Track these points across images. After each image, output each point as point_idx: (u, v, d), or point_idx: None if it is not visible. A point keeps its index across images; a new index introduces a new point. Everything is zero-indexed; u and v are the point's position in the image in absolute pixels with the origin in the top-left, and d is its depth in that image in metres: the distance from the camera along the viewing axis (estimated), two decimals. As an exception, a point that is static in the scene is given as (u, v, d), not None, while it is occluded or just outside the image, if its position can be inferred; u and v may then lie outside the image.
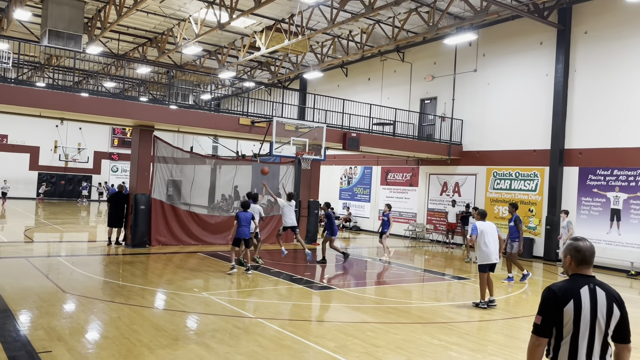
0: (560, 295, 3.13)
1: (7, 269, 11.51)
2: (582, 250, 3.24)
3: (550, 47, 18.27)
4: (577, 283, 3.18)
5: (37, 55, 27.67)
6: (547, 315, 3.13)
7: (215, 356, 6.29)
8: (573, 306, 3.09)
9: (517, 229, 12.75)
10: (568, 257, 3.29)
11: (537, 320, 3.18)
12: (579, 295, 3.12)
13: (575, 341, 3.10)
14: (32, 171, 37.43)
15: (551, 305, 3.13)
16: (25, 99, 13.48)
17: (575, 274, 3.26)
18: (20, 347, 6.27)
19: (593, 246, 3.30)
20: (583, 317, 3.09)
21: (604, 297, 3.15)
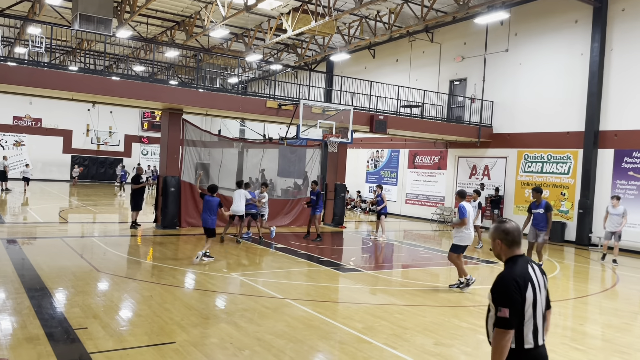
0: (521, 282, 3.11)
1: (43, 248, 11.88)
2: (511, 231, 3.28)
3: (586, 25, 17.68)
4: (523, 265, 3.21)
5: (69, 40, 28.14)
6: (514, 305, 3.07)
7: (244, 335, 6.39)
8: (531, 289, 3.13)
9: (547, 217, 11.32)
10: (498, 241, 3.31)
11: (504, 314, 3.06)
12: (532, 277, 3.17)
13: (535, 321, 3.15)
14: (66, 154, 38.32)
15: (517, 295, 3.09)
16: (58, 83, 13.75)
17: (513, 256, 3.27)
18: (57, 323, 6.47)
19: (518, 225, 3.34)
20: (538, 296, 3.16)
21: (539, 271, 3.28)
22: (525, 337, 3.13)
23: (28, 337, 5.93)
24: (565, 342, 6.89)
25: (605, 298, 9.88)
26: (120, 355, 5.57)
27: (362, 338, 6.55)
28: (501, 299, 3.10)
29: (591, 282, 11.42)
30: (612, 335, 7.40)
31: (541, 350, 3.20)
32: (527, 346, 3.13)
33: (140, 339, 6.11)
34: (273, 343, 6.18)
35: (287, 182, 20.44)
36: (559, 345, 6.72)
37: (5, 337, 5.93)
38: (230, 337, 6.32)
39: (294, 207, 18.66)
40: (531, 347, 3.14)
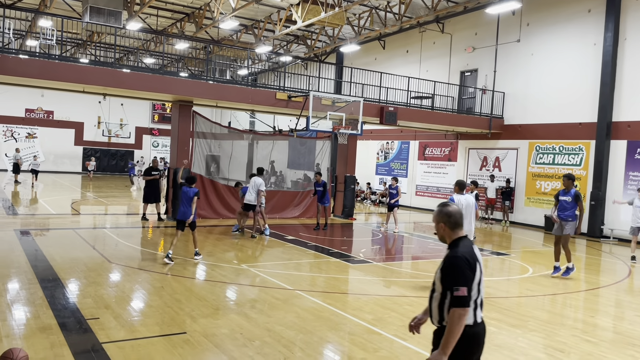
0: (471, 260, 3.23)
1: (56, 240, 12.01)
2: (453, 214, 3.38)
3: (599, 14, 17.42)
4: (468, 245, 3.33)
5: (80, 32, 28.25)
6: (470, 284, 3.19)
7: (254, 326, 6.43)
8: (479, 269, 3.27)
9: (576, 205, 10.07)
10: (441, 225, 3.40)
11: (462, 293, 3.14)
12: (478, 257, 3.31)
13: (477, 299, 3.26)
14: (77, 146, 38.64)
15: (470, 273, 3.21)
16: (69, 75, 13.83)
17: (457, 238, 3.37)
18: (69, 314, 6.55)
19: (460, 209, 3.45)
20: (482, 275, 3.30)
21: (477, 249, 3.39)
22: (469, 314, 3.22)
23: (41, 327, 6.01)
24: (576, 334, 6.86)
25: (617, 290, 9.81)
26: (132, 345, 5.63)
27: (371, 329, 6.56)
28: (457, 279, 3.17)
29: (603, 274, 11.34)
30: (624, 327, 7.34)
31: (480, 327, 3.32)
32: (468, 322, 3.22)
33: (152, 329, 6.16)
34: (283, 334, 6.21)
35: (297, 174, 20.46)
36: (570, 337, 6.69)
37: (19, 327, 6.02)
38: (241, 327, 6.36)
39: (304, 199, 18.69)
40: (470, 323, 3.23)
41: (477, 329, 3.29)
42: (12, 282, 7.92)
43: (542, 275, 10.55)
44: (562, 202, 10.18)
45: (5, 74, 13.14)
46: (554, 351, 6.16)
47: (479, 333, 3.32)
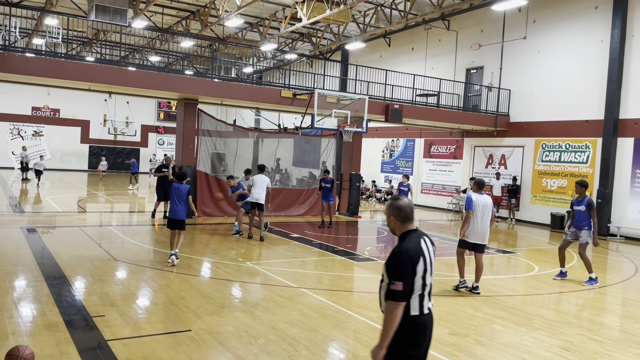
0: (414, 256, 3.28)
1: (62, 237, 12.07)
2: (404, 208, 3.44)
3: (606, 11, 17.30)
4: (415, 239, 3.38)
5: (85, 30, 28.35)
6: (407, 278, 3.24)
7: (259, 323, 6.44)
8: (422, 262, 3.31)
9: (589, 215, 9.68)
10: (392, 218, 3.46)
11: (397, 287, 3.20)
12: (423, 251, 3.35)
13: (424, 291, 3.35)
14: (84, 144, 38.80)
15: (409, 268, 3.25)
16: (75, 73, 13.87)
17: (407, 231, 3.43)
18: (75, 311, 6.58)
19: (411, 202, 3.51)
20: (428, 268, 3.35)
21: (430, 242, 3.47)
22: (411, 305, 3.31)
23: (47, 324, 6.04)
24: (582, 332, 6.83)
25: (624, 289, 9.76)
26: (137, 342, 5.65)
27: (376, 327, 6.55)
28: (395, 273, 3.24)
29: (609, 273, 11.28)
30: (630, 326, 7.31)
31: (426, 317, 3.40)
32: (412, 313, 3.32)
33: (157, 326, 6.19)
34: (288, 332, 6.22)
35: (302, 171, 20.46)
36: (575, 336, 6.66)
37: (26, 324, 6.05)
38: (246, 325, 6.37)
39: (309, 197, 18.69)
40: (417, 314, 3.33)
41: (422, 319, 3.37)
42: (19, 280, 7.97)
43: (548, 273, 10.51)
44: (576, 212, 9.87)
45: (12, 72, 13.20)
46: (559, 350, 6.14)
47: (425, 323, 3.40)
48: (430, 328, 3.46)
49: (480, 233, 8.44)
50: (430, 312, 3.44)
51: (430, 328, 3.45)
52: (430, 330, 3.46)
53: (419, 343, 3.38)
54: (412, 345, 3.35)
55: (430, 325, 3.46)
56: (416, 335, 3.36)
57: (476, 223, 8.41)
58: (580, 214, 9.79)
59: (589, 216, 9.68)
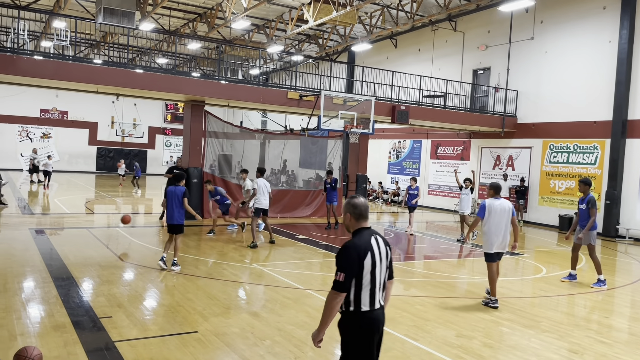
0: (361, 251, 3.47)
1: (70, 239, 12.13)
2: (359, 206, 3.62)
3: (614, 11, 17.19)
4: (366, 236, 3.56)
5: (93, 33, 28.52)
6: (350, 271, 3.42)
7: (265, 325, 6.44)
8: (370, 258, 3.48)
9: (589, 214, 9.51)
10: (348, 215, 3.64)
11: (339, 278, 3.41)
12: (372, 247, 3.52)
13: (374, 286, 3.51)
14: (91, 146, 39.01)
15: (354, 262, 3.43)
16: (83, 76, 13.96)
17: (359, 228, 3.61)
18: (83, 312, 6.62)
19: (366, 201, 3.70)
20: (377, 264, 3.52)
21: (382, 242, 3.64)
22: (362, 300, 3.47)
23: (55, 325, 6.07)
24: (590, 335, 6.78)
25: (633, 291, 9.68)
26: (144, 343, 5.67)
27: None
28: (340, 265, 3.44)
29: (618, 275, 11.19)
30: (639, 328, 7.24)
31: (377, 312, 3.55)
32: (363, 308, 3.49)
33: (164, 328, 6.20)
34: (294, 333, 6.21)
35: (308, 173, 20.47)
36: (584, 338, 6.62)
37: (34, 325, 6.09)
38: (252, 327, 6.38)
39: (315, 198, 18.69)
40: (367, 309, 3.50)
41: (374, 314, 3.53)
42: (27, 281, 8.02)
43: (556, 275, 10.45)
44: (580, 210, 9.73)
45: (21, 74, 13.30)
46: (567, 352, 6.10)
47: (375, 319, 3.54)
48: (383, 322, 3.62)
49: (500, 240, 7.77)
50: (381, 307, 3.60)
51: (382, 322, 3.61)
52: (382, 324, 3.61)
53: (372, 337, 3.54)
54: (365, 340, 3.53)
55: (382, 319, 3.62)
56: (368, 330, 3.53)
57: (491, 230, 7.77)
58: (583, 213, 9.64)
59: (589, 215, 9.52)
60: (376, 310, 3.55)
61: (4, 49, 15.89)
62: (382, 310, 3.62)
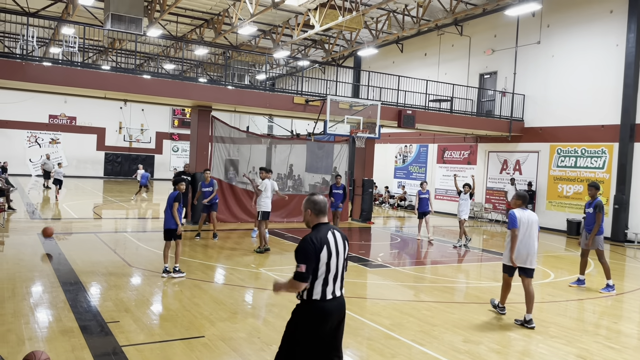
0: (317, 245, 3.73)
1: (78, 244, 12.20)
2: (319, 203, 3.91)
3: (621, 15, 17.13)
4: (323, 231, 3.83)
5: (101, 39, 28.74)
6: (310, 263, 3.69)
7: (272, 330, 6.44)
8: (326, 250, 3.75)
9: (595, 218, 9.44)
10: (308, 211, 3.92)
11: (301, 269, 3.68)
12: (328, 241, 3.79)
13: (327, 277, 3.76)
14: (99, 151, 39.25)
15: (312, 254, 3.70)
16: (91, 82, 14.07)
17: (318, 223, 3.89)
18: (90, 317, 6.65)
19: (325, 199, 3.98)
20: (333, 257, 3.78)
21: (340, 236, 3.91)
22: (314, 290, 3.74)
23: (63, 329, 6.10)
24: (599, 340, 6.73)
25: (642, 296, 9.59)
26: (151, 348, 5.69)
27: (389, 334, 6.53)
28: (300, 258, 3.71)
29: (627, 280, 11.11)
30: (649, 334, 7.18)
31: (329, 303, 3.79)
32: (314, 297, 3.75)
33: (170, 332, 6.22)
34: (300, 338, 6.20)
35: (314, 177, 20.48)
36: (592, 344, 6.57)
37: (42, 329, 6.13)
38: (258, 331, 6.38)
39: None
40: (318, 299, 3.76)
41: (324, 304, 3.77)
42: (36, 285, 8.07)
43: (564, 280, 10.38)
44: (587, 214, 9.69)
45: (30, 81, 13.43)
46: (575, 358, 6.06)
47: (327, 308, 3.78)
48: (336, 313, 3.82)
49: (525, 254, 7.24)
50: (335, 298, 3.82)
51: (334, 313, 3.81)
52: (335, 314, 3.82)
53: (320, 325, 3.77)
54: (313, 327, 3.76)
55: (335, 310, 3.82)
56: (317, 318, 3.76)
57: (520, 243, 7.21)
58: (590, 216, 9.59)
59: (595, 219, 9.46)
60: (328, 301, 3.78)
61: (14, 56, 16.05)
62: (337, 302, 3.84)
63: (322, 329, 3.78)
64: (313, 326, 3.76)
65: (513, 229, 7.17)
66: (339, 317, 3.87)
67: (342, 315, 3.91)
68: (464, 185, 14.39)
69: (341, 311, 3.89)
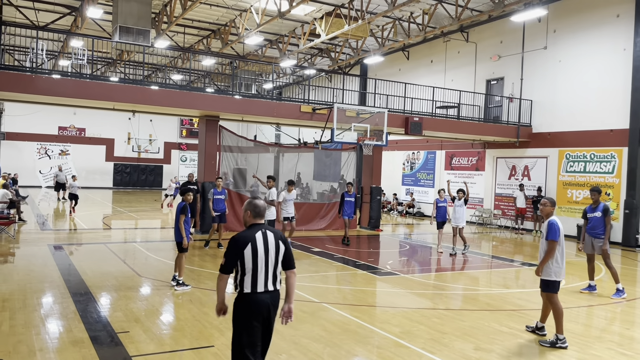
0: (241, 241, 4.22)
1: (87, 254, 12.27)
2: (258, 206, 4.39)
3: (628, 19, 17.07)
4: (253, 231, 4.30)
5: (110, 51, 29.03)
6: (230, 257, 4.21)
7: (281, 339, 6.43)
8: (250, 248, 4.19)
9: (604, 222, 9.44)
10: (248, 212, 4.39)
11: (223, 262, 4.23)
12: (255, 239, 4.24)
13: (255, 273, 4.21)
14: (108, 162, 39.52)
15: (233, 250, 4.21)
16: (100, 93, 14.21)
17: (252, 224, 4.36)
18: (101, 327, 6.68)
19: (264, 204, 4.50)
20: (259, 254, 4.21)
21: (273, 237, 4.33)
22: (245, 284, 4.21)
23: (73, 340, 6.13)
24: (611, 347, 6.66)
25: (655, 302, 9.49)
26: (161, 358, 5.70)
27: (399, 342, 6.49)
28: (225, 252, 4.27)
29: (639, 285, 10.98)
30: (662, 340, 7.09)
31: (260, 295, 4.24)
32: (245, 290, 4.22)
33: (180, 342, 6.23)
34: (310, 347, 6.20)
35: (322, 185, 20.49)
36: (604, 350, 6.50)
37: (52, 340, 6.16)
38: (268, 341, 6.37)
39: (330, 211, 18.68)
40: (249, 291, 4.22)
41: (254, 297, 4.22)
42: (46, 296, 8.12)
43: (575, 286, 10.29)
44: (592, 219, 9.59)
45: (40, 93, 13.58)
46: (588, 365, 5.99)
47: (258, 300, 4.22)
48: (265, 305, 4.24)
49: (563, 267, 6.87)
50: (266, 291, 4.25)
51: (264, 305, 4.23)
52: (264, 306, 4.24)
53: (252, 316, 4.21)
54: (246, 317, 4.22)
55: (265, 302, 4.24)
56: (249, 309, 4.21)
57: (559, 256, 6.80)
58: (596, 221, 9.53)
59: (604, 223, 9.44)
60: (259, 294, 4.23)
61: (24, 69, 16.25)
62: (269, 295, 4.27)
63: (254, 319, 4.22)
64: (246, 316, 4.21)
65: (553, 241, 6.69)
66: (269, 309, 4.28)
67: (276, 308, 4.35)
68: (457, 191, 14.12)
69: (274, 304, 4.32)
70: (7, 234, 14.03)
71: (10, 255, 11.79)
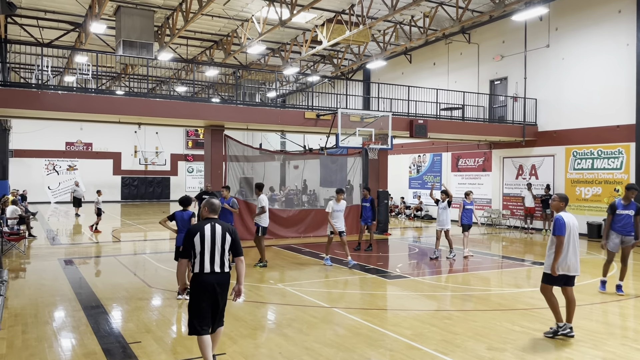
0: (192, 231, 5.21)
1: (98, 267, 12.31)
2: (214, 204, 5.44)
3: (630, 14, 17.03)
4: (204, 222, 5.29)
5: (114, 65, 29.27)
6: (186, 245, 5.20)
7: (293, 345, 6.42)
8: (199, 237, 5.17)
9: (635, 221, 9.19)
10: (205, 208, 5.40)
11: (180, 249, 5.35)
12: (204, 229, 5.21)
13: (203, 257, 5.18)
14: (116, 176, 39.74)
15: (186, 238, 5.19)
16: (105, 107, 14.33)
17: (207, 218, 5.36)
18: (113, 339, 6.69)
19: (219, 202, 5.61)
20: (206, 242, 5.17)
21: (220, 228, 5.26)
22: (195, 266, 5.19)
23: (86, 352, 6.15)
24: (626, 343, 6.59)
25: (669, 297, 9.39)
26: (174, 367, 5.70)
27: (411, 345, 6.47)
28: (183, 240, 5.24)
29: (652, 281, 10.88)
30: (678, 335, 7.01)
31: (206, 276, 5.17)
32: (196, 270, 5.19)
33: (192, 351, 6.23)
34: (322, 352, 6.18)
35: (329, 191, 20.47)
36: (619, 347, 6.44)
37: (65, 353, 6.18)
38: (279, 347, 6.37)
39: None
40: (197, 272, 5.18)
41: (202, 277, 5.16)
42: (58, 310, 8.16)
43: (587, 284, 10.21)
44: (624, 216, 9.22)
45: (46, 109, 13.72)
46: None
47: (203, 280, 5.15)
48: (212, 284, 5.14)
49: (574, 262, 6.82)
50: (212, 272, 5.16)
51: (210, 284, 5.14)
52: (210, 285, 5.14)
53: (200, 292, 5.15)
54: (197, 294, 5.17)
55: (211, 282, 5.15)
56: (197, 287, 5.17)
57: (569, 250, 6.76)
58: (627, 219, 9.24)
59: (635, 221, 9.23)
60: (205, 274, 5.15)
61: (29, 86, 16.42)
62: (215, 275, 5.18)
63: (203, 295, 5.13)
64: (194, 292, 5.18)
65: (560, 236, 6.65)
66: (214, 287, 5.15)
67: (222, 287, 5.22)
68: (441, 192, 13.85)
69: (220, 284, 5.20)
70: (18, 249, 14.12)
71: (22, 270, 11.86)
